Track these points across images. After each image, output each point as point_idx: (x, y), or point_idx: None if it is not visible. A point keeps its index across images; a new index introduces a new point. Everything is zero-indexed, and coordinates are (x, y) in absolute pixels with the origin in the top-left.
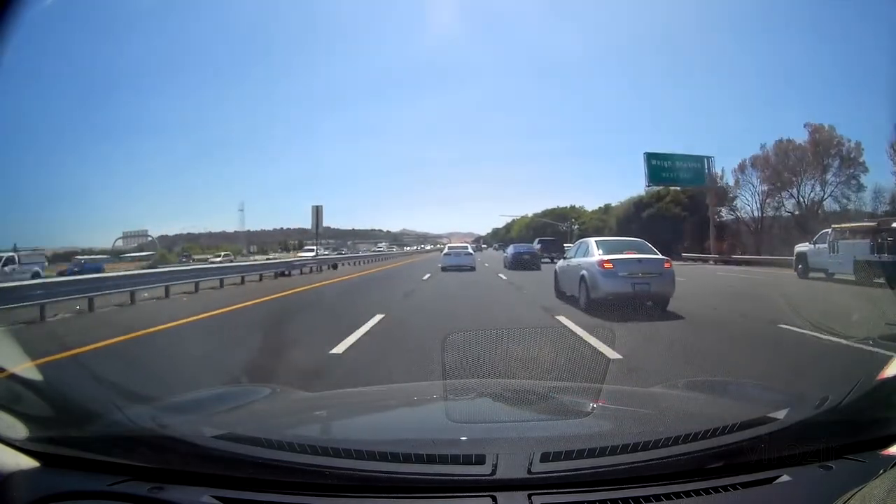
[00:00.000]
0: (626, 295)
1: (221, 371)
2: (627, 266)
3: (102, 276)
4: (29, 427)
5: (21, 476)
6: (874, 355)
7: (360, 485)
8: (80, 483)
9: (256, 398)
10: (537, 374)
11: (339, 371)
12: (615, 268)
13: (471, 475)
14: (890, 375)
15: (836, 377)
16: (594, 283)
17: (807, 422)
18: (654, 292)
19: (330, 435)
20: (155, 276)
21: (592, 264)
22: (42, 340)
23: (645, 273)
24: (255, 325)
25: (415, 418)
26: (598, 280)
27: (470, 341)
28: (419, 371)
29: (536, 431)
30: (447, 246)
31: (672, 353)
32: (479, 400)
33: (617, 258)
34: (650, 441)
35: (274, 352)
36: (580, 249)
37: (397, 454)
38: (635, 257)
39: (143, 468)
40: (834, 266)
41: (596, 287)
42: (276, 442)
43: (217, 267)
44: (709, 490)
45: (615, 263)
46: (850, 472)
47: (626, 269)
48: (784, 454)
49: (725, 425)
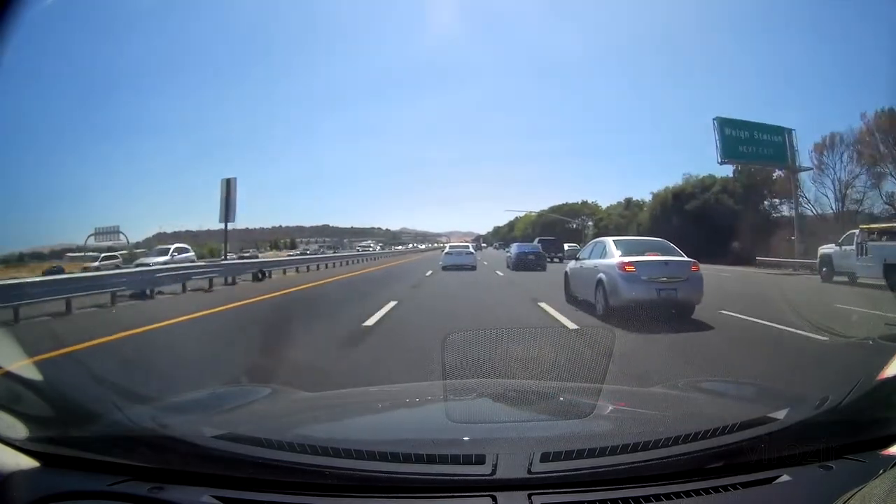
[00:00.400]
0: (649, 302)
1: None
2: (651, 269)
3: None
4: (29, 427)
5: (21, 476)
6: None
7: (360, 485)
8: (80, 483)
9: (256, 398)
10: (537, 374)
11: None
12: (637, 271)
13: (471, 475)
14: (890, 375)
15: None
16: (614, 288)
17: (807, 422)
18: (681, 299)
19: (330, 435)
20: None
21: (611, 267)
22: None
23: (671, 277)
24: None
25: (415, 418)
26: (619, 285)
27: (470, 341)
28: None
29: (536, 431)
30: (448, 245)
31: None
32: (479, 400)
33: (639, 260)
34: (650, 441)
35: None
36: (596, 250)
37: (397, 454)
38: (660, 259)
39: (143, 468)
40: (861, 269)
41: (616, 293)
42: (276, 442)
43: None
44: (709, 490)
45: (637, 266)
46: (850, 472)
47: (650, 272)
48: (784, 454)
49: (725, 425)
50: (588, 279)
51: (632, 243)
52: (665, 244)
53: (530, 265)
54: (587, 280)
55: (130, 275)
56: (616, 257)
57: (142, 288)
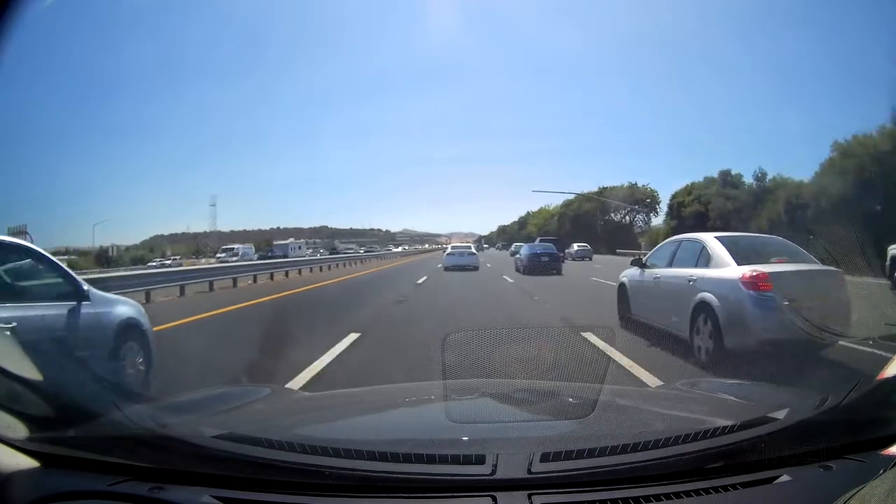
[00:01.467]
0: (795, 342)
1: None
2: (791, 284)
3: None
4: (29, 427)
5: (21, 476)
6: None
7: (360, 485)
8: (80, 483)
9: (256, 398)
10: (537, 373)
11: None
12: (774, 290)
13: (471, 475)
14: (890, 375)
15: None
16: (735, 317)
17: (807, 422)
18: (832, 331)
19: (330, 435)
20: None
21: (727, 283)
22: None
23: (819, 296)
24: None
25: (415, 418)
26: (746, 313)
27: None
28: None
29: (536, 431)
30: (450, 246)
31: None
32: (479, 400)
33: (777, 271)
34: (650, 441)
35: None
36: (684, 254)
37: (397, 454)
38: (800, 269)
39: (143, 468)
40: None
41: (739, 326)
42: (276, 442)
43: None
44: (709, 490)
45: (775, 281)
46: (850, 472)
47: (790, 289)
48: (784, 454)
49: (725, 425)
50: (670, 299)
51: (745, 243)
52: (787, 244)
53: (544, 268)
54: (668, 300)
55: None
56: (732, 265)
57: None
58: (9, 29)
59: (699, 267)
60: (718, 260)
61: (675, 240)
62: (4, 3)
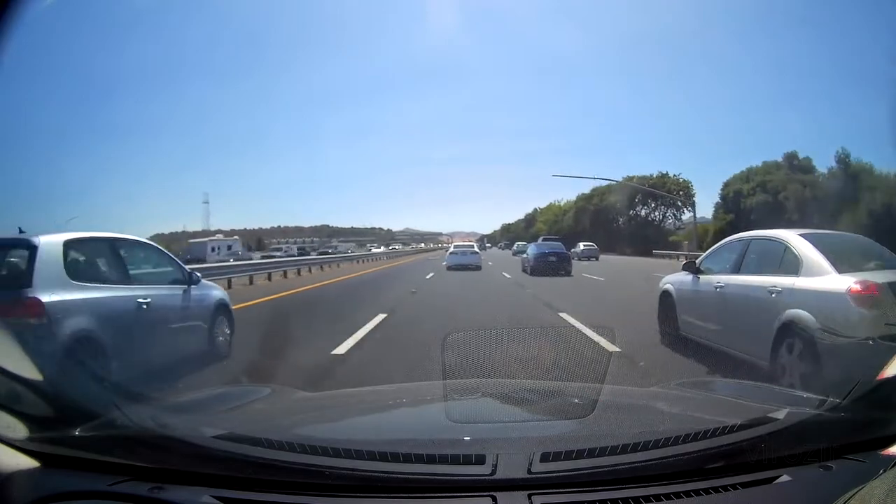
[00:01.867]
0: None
1: None
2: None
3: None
4: (29, 427)
5: (21, 476)
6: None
7: (360, 485)
8: (80, 483)
9: (256, 398)
10: (538, 373)
11: None
12: (885, 303)
13: (471, 475)
14: (890, 375)
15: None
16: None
17: (807, 422)
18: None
19: (330, 435)
20: None
21: (830, 296)
22: None
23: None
24: None
25: (415, 418)
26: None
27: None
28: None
29: (536, 431)
30: (453, 245)
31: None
32: (480, 400)
33: (887, 281)
34: (650, 441)
35: None
36: (753, 256)
37: (397, 454)
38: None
39: (143, 468)
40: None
41: (850, 352)
42: (276, 442)
43: None
44: (709, 490)
45: (882, 293)
46: (850, 472)
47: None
48: (784, 454)
49: (725, 425)
50: (741, 315)
51: (835, 242)
52: (874, 244)
53: (553, 269)
54: (739, 316)
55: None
56: (831, 273)
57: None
58: (9, 29)
59: (782, 274)
60: (811, 266)
61: (740, 238)
62: (4, 3)
